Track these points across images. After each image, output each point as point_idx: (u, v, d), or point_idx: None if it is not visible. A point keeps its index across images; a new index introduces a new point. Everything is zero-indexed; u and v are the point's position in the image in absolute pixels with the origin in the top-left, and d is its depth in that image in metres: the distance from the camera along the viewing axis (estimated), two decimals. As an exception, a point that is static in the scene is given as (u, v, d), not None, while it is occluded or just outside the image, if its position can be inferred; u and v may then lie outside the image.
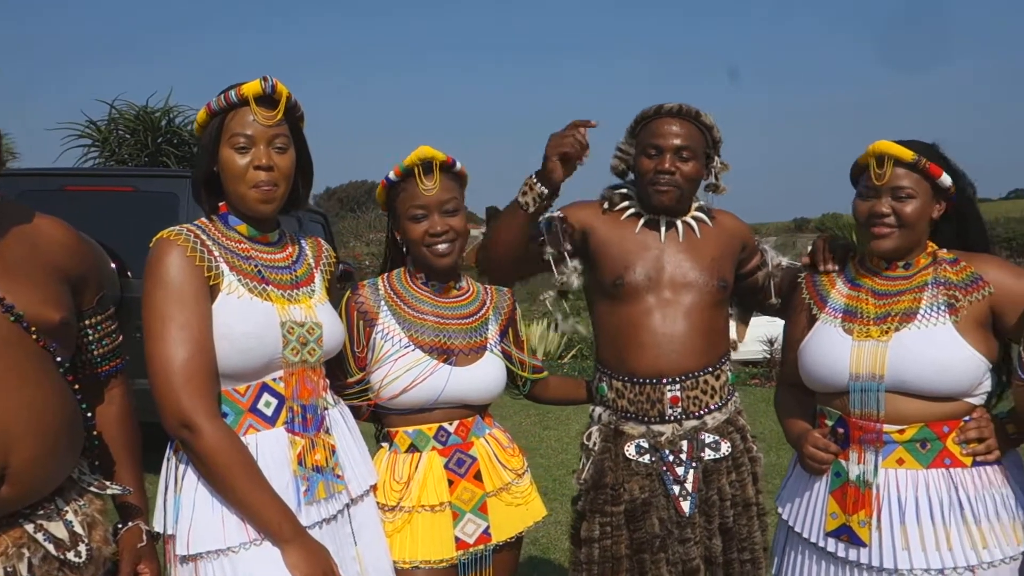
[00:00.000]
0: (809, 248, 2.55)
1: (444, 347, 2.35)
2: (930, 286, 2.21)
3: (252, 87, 1.98)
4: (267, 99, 1.99)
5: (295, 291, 2.08)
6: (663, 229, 2.53)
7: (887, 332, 2.18)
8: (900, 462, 2.16)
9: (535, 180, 2.34)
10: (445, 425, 2.35)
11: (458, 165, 2.41)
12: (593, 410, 2.62)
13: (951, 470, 2.14)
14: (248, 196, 2.00)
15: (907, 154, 2.17)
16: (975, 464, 2.15)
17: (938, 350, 2.13)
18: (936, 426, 2.15)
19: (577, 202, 2.63)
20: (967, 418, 2.17)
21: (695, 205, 2.59)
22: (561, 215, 2.51)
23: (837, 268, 2.41)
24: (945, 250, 2.28)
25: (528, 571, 4.59)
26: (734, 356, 2.66)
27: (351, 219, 26.57)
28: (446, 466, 2.33)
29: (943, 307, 2.17)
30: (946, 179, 2.20)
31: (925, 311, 2.18)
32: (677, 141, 2.44)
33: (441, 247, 2.35)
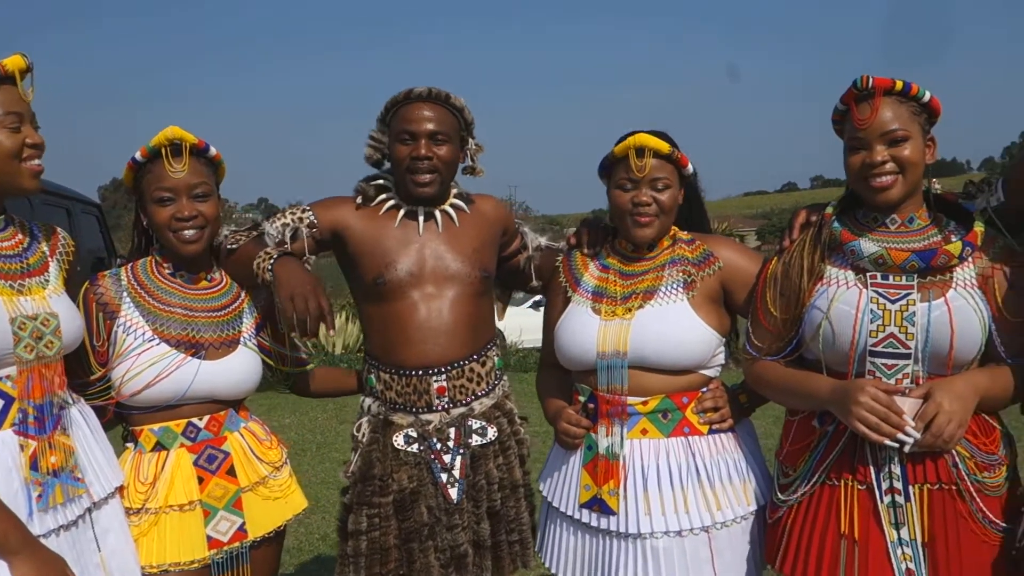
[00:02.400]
0: (574, 231, 2.63)
1: (192, 341, 2.27)
2: (668, 265, 2.34)
3: None
4: None
5: (25, 281, 1.96)
6: (421, 220, 2.51)
7: (630, 311, 2.29)
8: (644, 432, 2.27)
9: (268, 264, 2.24)
10: (194, 421, 2.27)
11: (212, 150, 2.32)
12: (363, 401, 2.60)
13: (689, 438, 2.27)
14: None
15: (664, 146, 2.28)
16: (711, 432, 2.29)
17: (674, 326, 2.25)
18: (676, 397, 2.28)
19: (329, 200, 2.56)
20: (704, 389, 2.32)
21: (453, 191, 2.60)
22: (310, 220, 2.46)
23: (596, 250, 2.50)
24: (685, 232, 2.42)
25: (318, 569, 4.52)
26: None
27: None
28: (196, 463, 2.25)
29: (680, 285, 2.30)
30: (690, 167, 2.33)
31: (664, 289, 2.30)
32: (430, 125, 2.44)
33: (188, 233, 2.27)
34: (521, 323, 10.47)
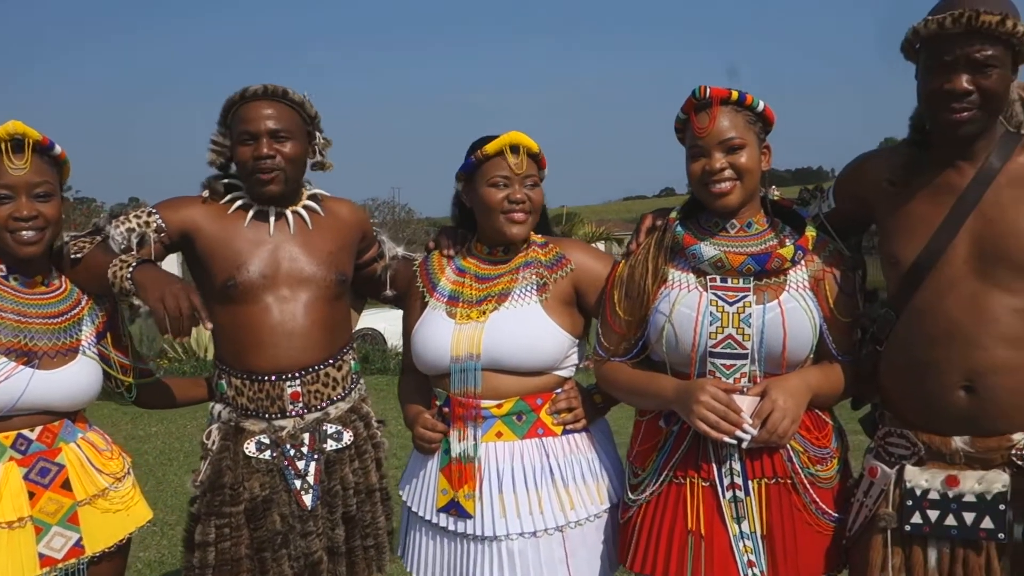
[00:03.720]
0: (433, 236, 2.62)
1: (25, 348, 2.15)
2: (522, 268, 2.35)
3: None
4: None
5: None
6: (272, 220, 2.45)
7: (484, 314, 2.29)
8: (499, 435, 2.28)
9: (127, 272, 2.16)
10: (25, 432, 2.15)
11: (57, 148, 2.22)
12: (212, 407, 2.52)
13: (544, 439, 2.29)
14: None
15: (534, 145, 2.32)
16: (565, 432, 2.32)
17: (527, 328, 2.27)
18: (530, 399, 2.29)
19: (175, 200, 2.47)
20: (558, 390, 2.34)
21: (307, 192, 2.55)
22: (158, 224, 2.37)
23: (452, 252, 2.49)
24: (539, 235, 2.44)
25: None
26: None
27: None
28: (26, 477, 2.14)
29: (533, 287, 2.32)
30: (546, 169, 2.37)
31: (517, 292, 2.32)
32: (270, 123, 2.38)
33: (26, 234, 2.17)
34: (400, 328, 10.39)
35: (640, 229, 2.31)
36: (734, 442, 2.01)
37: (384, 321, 11.62)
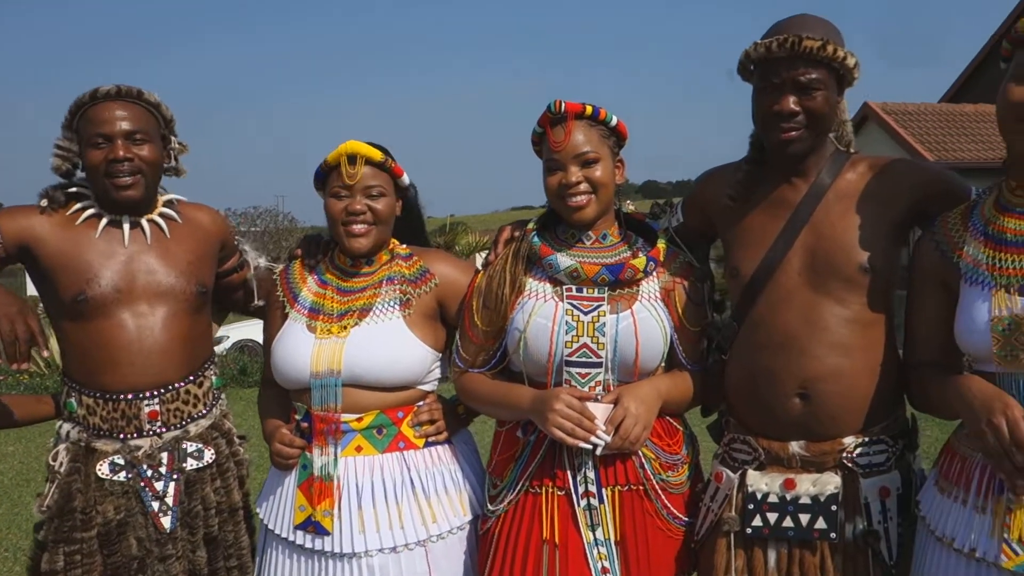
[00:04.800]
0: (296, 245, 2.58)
1: None
2: (386, 282, 2.33)
3: None
4: None
5: None
6: (127, 229, 2.37)
7: (346, 328, 2.27)
8: (358, 449, 2.25)
9: None
10: None
11: None
12: (60, 427, 2.40)
13: (404, 452, 2.27)
14: None
15: (376, 154, 2.27)
16: (427, 445, 2.31)
17: (388, 344, 2.25)
18: (391, 412, 2.27)
19: (12, 210, 2.36)
20: (420, 403, 2.33)
21: (163, 199, 2.47)
22: None
23: (314, 261, 2.44)
24: (404, 246, 2.43)
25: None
26: None
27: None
28: None
29: (396, 302, 2.30)
30: (406, 179, 2.35)
31: (380, 307, 2.29)
32: (126, 125, 2.30)
33: None
34: None
35: (498, 240, 2.33)
36: (589, 447, 2.05)
37: (262, 332, 11.38)
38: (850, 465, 2.02)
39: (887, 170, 2.10)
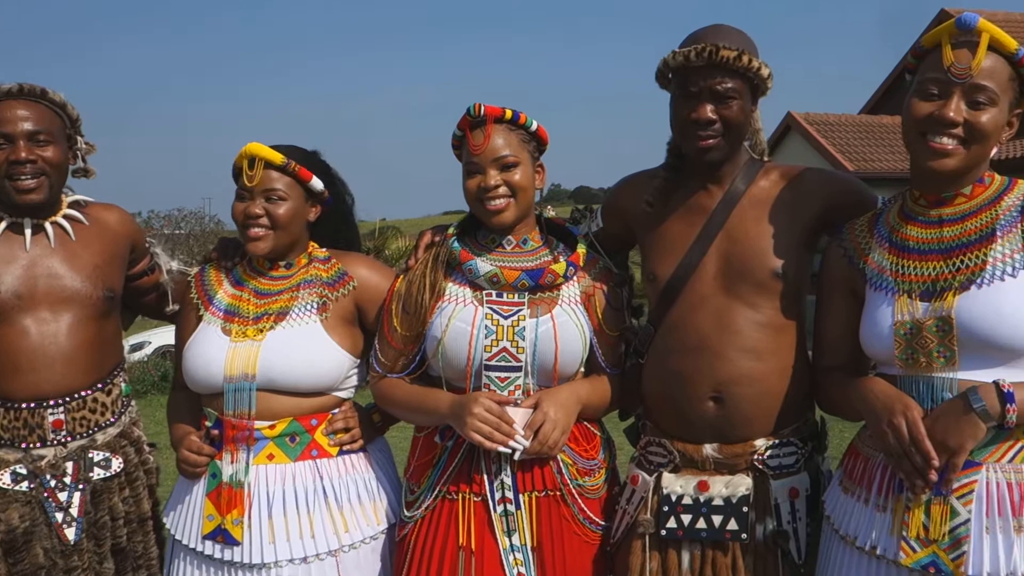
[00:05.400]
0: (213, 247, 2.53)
1: None
2: (304, 285, 2.30)
3: None
4: None
5: None
6: (28, 233, 2.28)
7: (262, 331, 2.22)
8: (270, 457, 2.21)
9: None
10: None
11: None
12: None
13: (318, 460, 2.24)
14: None
15: (277, 157, 2.23)
16: (341, 453, 2.27)
17: (305, 348, 2.22)
18: (305, 420, 2.24)
19: None
20: (335, 411, 2.29)
21: (68, 200, 2.39)
22: None
23: (231, 264, 2.40)
24: (323, 249, 2.39)
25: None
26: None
27: None
28: None
29: (313, 306, 2.27)
30: (317, 184, 2.29)
31: (297, 311, 2.26)
32: (28, 125, 2.23)
33: None
34: None
35: (419, 245, 2.32)
36: (508, 451, 2.05)
37: (175, 336, 11.16)
38: (761, 467, 2.06)
39: (799, 179, 2.15)
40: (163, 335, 12.71)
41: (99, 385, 2.34)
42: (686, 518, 2.05)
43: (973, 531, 1.72)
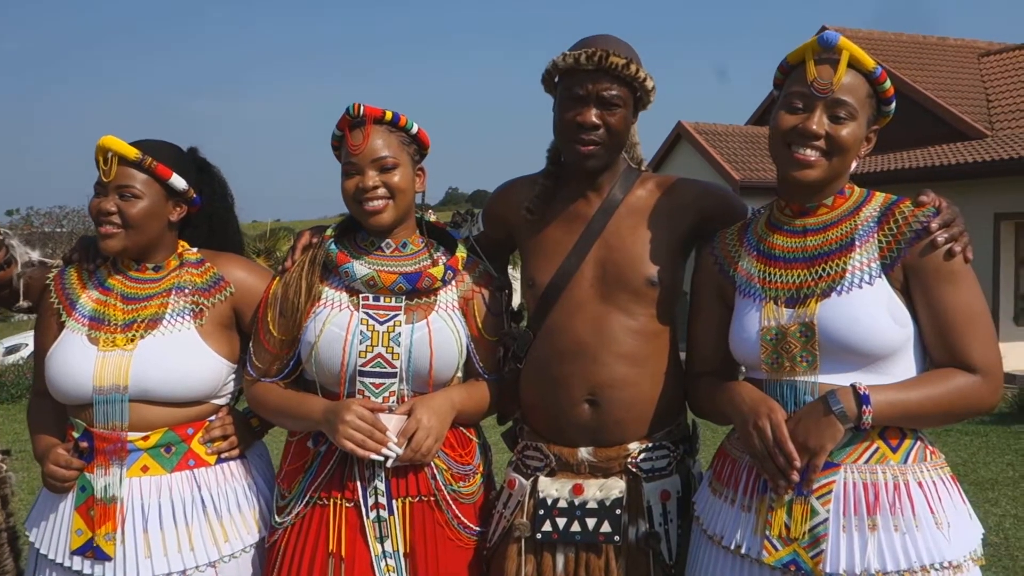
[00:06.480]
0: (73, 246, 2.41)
1: None
2: (176, 290, 2.21)
3: None
4: None
5: None
6: None
7: (132, 340, 2.13)
8: (145, 469, 2.13)
9: None
10: None
11: None
12: None
13: (195, 470, 2.17)
14: None
15: (131, 152, 2.13)
16: (219, 461, 2.21)
17: (180, 357, 2.14)
18: (181, 429, 2.16)
19: None
20: (212, 417, 2.23)
21: None
22: None
23: (93, 266, 2.28)
24: (195, 251, 2.31)
25: None
26: None
27: None
28: None
29: (188, 312, 2.19)
30: (179, 182, 2.20)
31: (170, 317, 2.17)
32: None
33: None
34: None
35: (296, 246, 2.27)
36: (380, 458, 2.03)
37: (34, 340, 10.72)
38: (634, 470, 2.10)
39: (673, 188, 2.20)
40: (28, 334, 12.17)
41: None
42: (561, 521, 2.06)
43: (831, 530, 1.78)
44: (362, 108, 2.11)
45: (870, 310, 1.80)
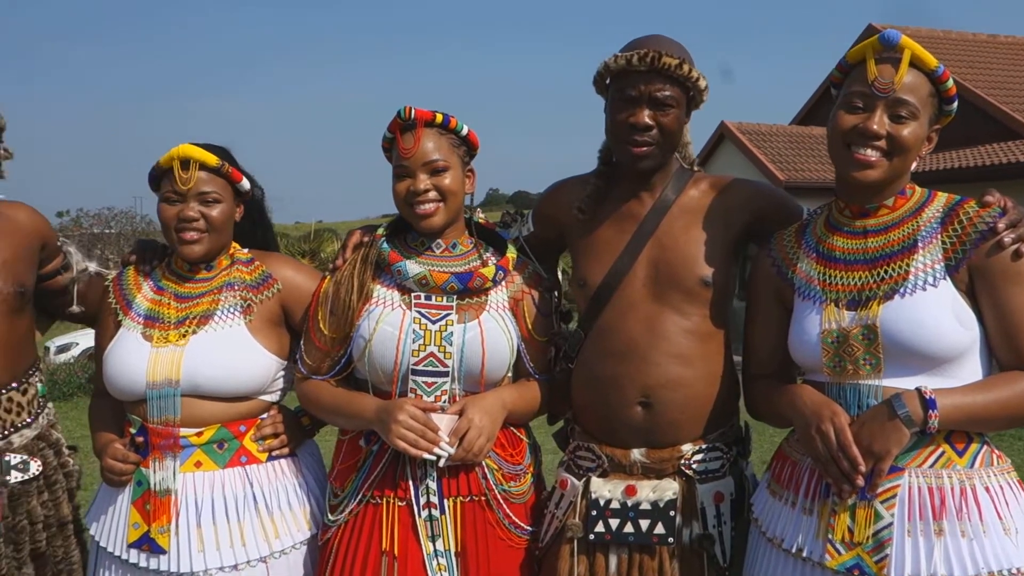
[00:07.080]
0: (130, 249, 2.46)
1: None
2: (227, 288, 2.25)
3: None
4: None
5: None
6: None
7: (185, 336, 2.17)
8: (198, 465, 2.16)
9: None
10: None
11: None
12: None
13: (247, 467, 2.20)
14: None
15: (211, 159, 2.18)
16: (270, 458, 2.23)
17: (230, 352, 2.17)
18: (233, 426, 2.19)
19: None
20: (263, 415, 2.25)
21: None
22: None
23: (149, 267, 2.34)
24: (246, 251, 2.35)
25: None
26: None
27: None
28: None
29: (237, 309, 2.22)
30: (246, 183, 2.27)
31: (220, 313, 2.21)
32: None
33: None
34: None
35: (347, 245, 2.29)
36: (432, 458, 2.03)
37: (94, 341, 10.93)
38: (688, 472, 2.08)
39: (727, 189, 2.18)
40: (90, 337, 12.34)
41: (14, 384, 2.27)
42: (614, 522, 2.05)
43: (896, 534, 1.75)
44: (413, 111, 2.12)
45: (934, 312, 1.77)
